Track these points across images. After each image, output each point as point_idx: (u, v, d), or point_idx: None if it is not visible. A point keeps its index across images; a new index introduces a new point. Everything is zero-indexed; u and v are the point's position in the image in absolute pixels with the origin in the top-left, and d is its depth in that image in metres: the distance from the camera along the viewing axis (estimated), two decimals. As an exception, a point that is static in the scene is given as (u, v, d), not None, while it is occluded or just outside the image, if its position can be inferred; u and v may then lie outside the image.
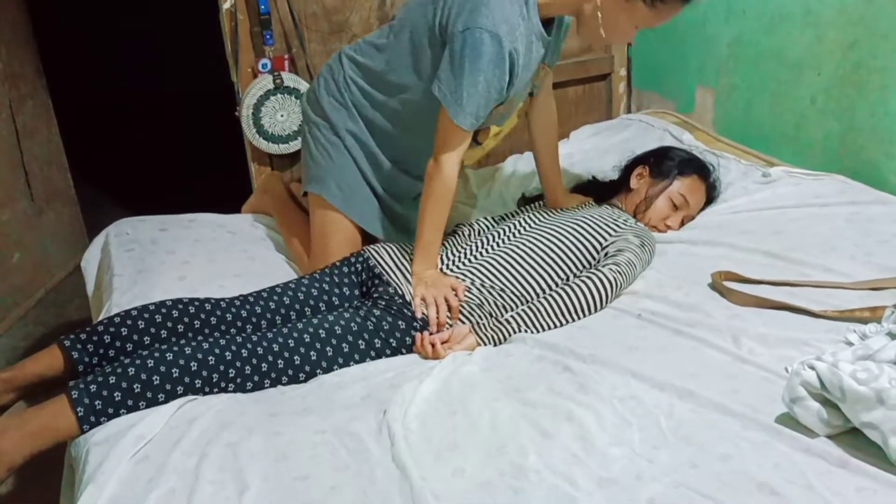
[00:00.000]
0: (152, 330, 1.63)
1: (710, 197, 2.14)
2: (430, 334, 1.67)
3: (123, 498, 1.26)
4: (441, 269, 1.83)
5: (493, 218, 2.10)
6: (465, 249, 1.91)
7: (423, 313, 1.70)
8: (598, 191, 2.22)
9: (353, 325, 1.65)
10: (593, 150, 2.63)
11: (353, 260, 1.87)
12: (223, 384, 1.51)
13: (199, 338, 1.60)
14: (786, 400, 1.29)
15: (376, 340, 1.66)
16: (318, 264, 1.96)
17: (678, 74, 2.85)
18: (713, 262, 1.85)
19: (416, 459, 1.30)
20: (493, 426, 1.38)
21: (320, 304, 1.79)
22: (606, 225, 1.90)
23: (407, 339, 1.68)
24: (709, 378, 1.45)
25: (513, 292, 1.79)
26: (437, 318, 1.69)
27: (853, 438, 1.24)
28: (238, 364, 1.52)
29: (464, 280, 1.79)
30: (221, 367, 1.51)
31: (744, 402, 1.36)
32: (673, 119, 2.73)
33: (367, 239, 2.05)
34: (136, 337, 1.62)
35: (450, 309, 1.70)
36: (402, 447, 1.32)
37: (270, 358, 1.55)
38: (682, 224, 2.08)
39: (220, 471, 1.30)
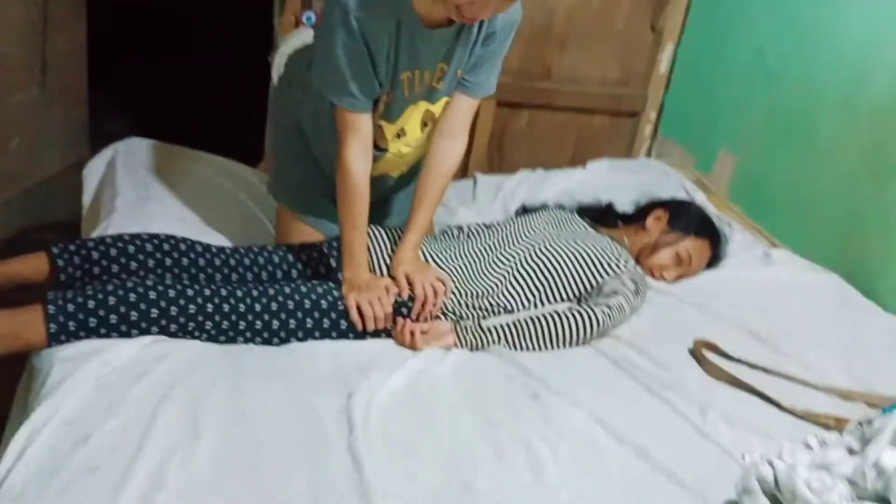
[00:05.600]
0: (140, 257, 1.64)
1: (711, 265, 2.16)
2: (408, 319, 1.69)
3: (79, 420, 1.26)
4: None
5: (485, 224, 2.10)
6: (452, 249, 1.91)
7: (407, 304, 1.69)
8: (610, 217, 2.22)
9: (339, 303, 1.65)
10: (607, 184, 2.63)
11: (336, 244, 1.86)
12: (197, 333, 1.52)
13: (184, 278, 1.59)
14: (738, 489, 1.30)
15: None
16: None
17: (705, 132, 2.86)
18: (697, 326, 1.87)
19: (371, 453, 1.30)
20: (451, 437, 1.39)
21: (307, 271, 1.79)
22: (608, 263, 1.91)
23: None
24: (668, 443, 1.46)
25: (496, 300, 1.81)
26: (370, 324, 1.65)
27: (792, 540, 1.27)
28: (217, 317, 1.52)
29: (447, 272, 1.80)
30: (200, 318, 1.51)
31: (696, 477, 1.38)
32: (690, 175, 2.74)
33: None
34: (123, 261, 1.62)
35: (385, 315, 1.67)
36: (359, 437, 1.33)
37: (250, 317, 1.55)
38: (677, 279, 2.10)
39: (178, 415, 1.30)
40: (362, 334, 1.68)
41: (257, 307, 1.57)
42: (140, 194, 2.03)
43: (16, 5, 2.69)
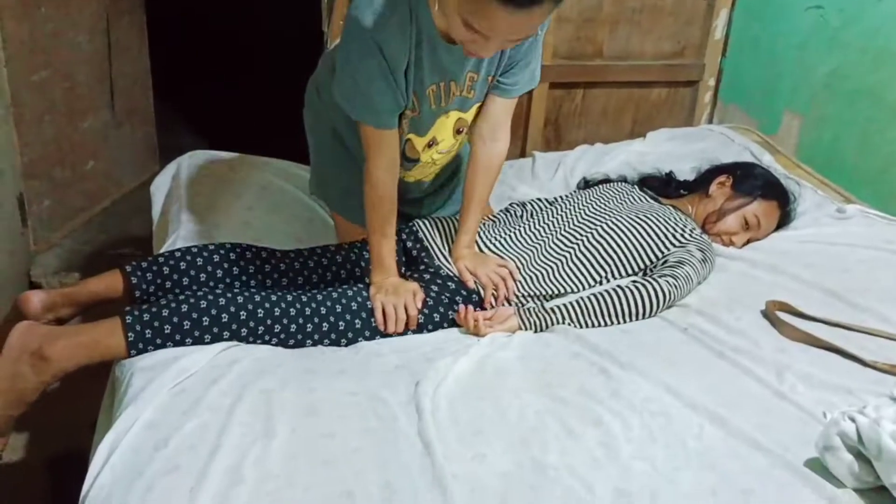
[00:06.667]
0: (209, 269, 1.69)
1: (781, 225, 2.09)
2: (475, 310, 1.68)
3: (159, 424, 1.31)
4: (481, 247, 1.83)
5: (548, 200, 2.08)
6: (515, 230, 1.90)
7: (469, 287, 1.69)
8: (672, 187, 2.18)
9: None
10: (668, 154, 2.59)
11: (402, 236, 1.87)
12: (267, 337, 1.56)
13: (252, 285, 1.63)
14: (819, 446, 1.27)
15: (420, 316, 1.67)
16: None
17: (768, 95, 2.78)
18: (770, 289, 1.82)
19: (441, 437, 1.32)
20: (520, 417, 1.39)
21: (369, 268, 1.77)
22: (672, 234, 1.88)
23: (450, 313, 1.69)
24: (744, 408, 1.43)
25: (562, 282, 1.79)
26: (395, 327, 1.64)
27: (879, 497, 1.22)
28: (285, 321, 1.56)
29: (507, 258, 1.80)
30: (269, 322, 1.55)
31: (775, 439, 1.34)
32: (755, 137, 2.66)
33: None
34: (193, 273, 1.68)
35: (408, 318, 1.65)
36: (428, 423, 1.34)
37: (317, 320, 1.58)
38: (746, 244, 2.04)
39: (252, 415, 1.34)
40: (430, 325, 1.69)
41: (322, 310, 1.60)
42: (204, 204, 2.09)
43: (81, 35, 2.80)
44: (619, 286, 1.74)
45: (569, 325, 1.68)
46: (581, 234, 1.87)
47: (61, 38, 2.70)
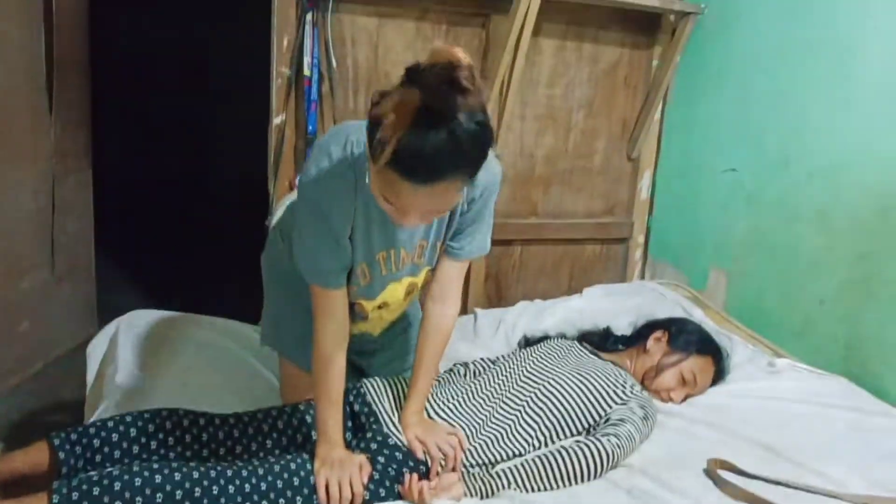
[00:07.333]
0: (143, 440, 1.64)
1: (716, 381, 2.16)
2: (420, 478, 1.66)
3: None
4: (431, 414, 1.81)
5: (490, 360, 2.11)
6: (460, 394, 1.89)
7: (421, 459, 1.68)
8: (610, 342, 2.24)
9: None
10: (605, 310, 2.67)
11: (350, 398, 1.83)
12: None
13: (188, 455, 1.59)
14: None
15: (365, 492, 1.62)
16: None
17: (693, 251, 2.93)
18: (710, 446, 1.86)
19: None
20: (469, 590, 1.36)
21: (312, 434, 1.75)
22: (614, 392, 1.91)
23: (396, 486, 1.65)
24: (693, 573, 1.43)
25: (507, 447, 1.79)
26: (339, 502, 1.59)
27: None
28: (223, 500, 1.50)
29: (456, 426, 1.79)
30: (205, 501, 1.49)
31: None
32: (686, 293, 2.79)
33: None
34: (125, 445, 1.63)
35: (354, 496, 1.59)
36: None
37: (256, 497, 1.53)
38: (685, 399, 2.09)
39: None
40: (373, 494, 1.63)
41: (263, 486, 1.54)
42: (141, 367, 2.05)
43: (25, 194, 2.81)
44: (563, 447, 1.75)
45: (514, 489, 1.66)
46: (524, 397, 1.88)
47: (4, 198, 2.70)
